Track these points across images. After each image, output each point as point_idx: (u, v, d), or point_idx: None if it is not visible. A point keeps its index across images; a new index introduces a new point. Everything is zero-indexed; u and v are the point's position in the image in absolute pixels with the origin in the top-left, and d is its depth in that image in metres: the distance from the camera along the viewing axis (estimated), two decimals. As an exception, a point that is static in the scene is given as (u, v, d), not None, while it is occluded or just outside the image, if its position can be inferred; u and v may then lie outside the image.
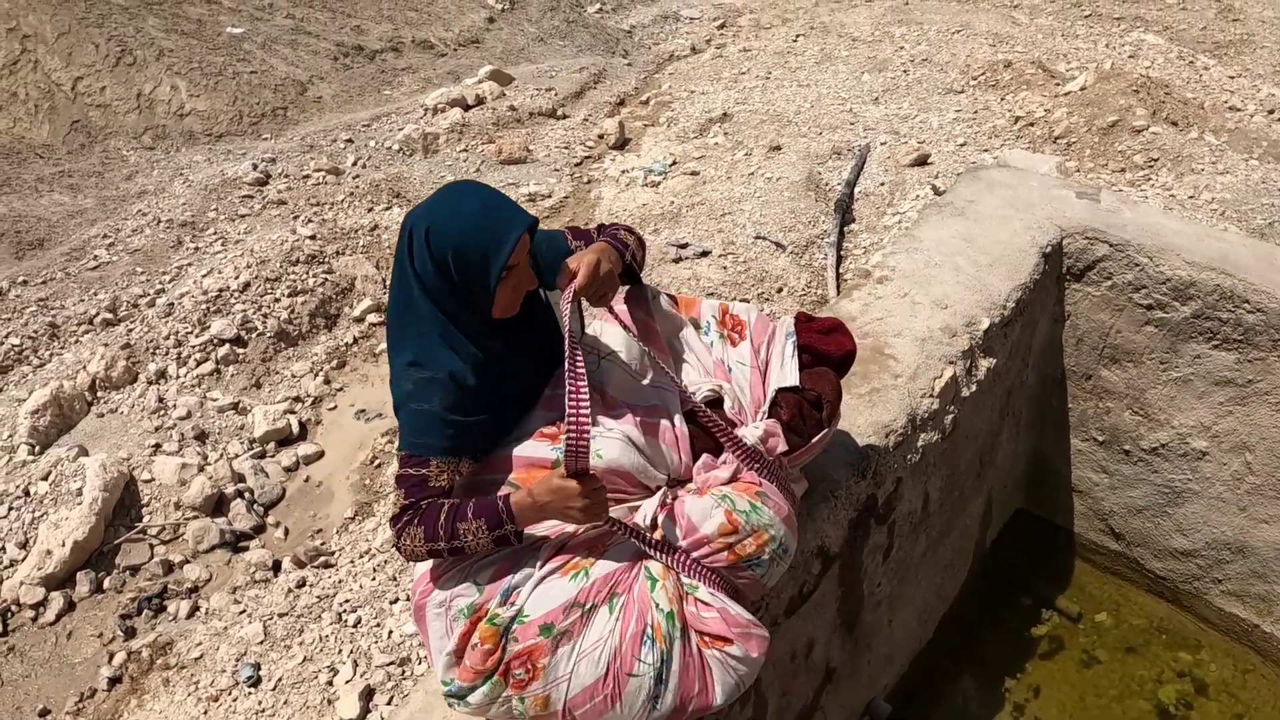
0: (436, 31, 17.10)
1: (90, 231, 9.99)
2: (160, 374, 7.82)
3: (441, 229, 3.02)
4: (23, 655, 5.86)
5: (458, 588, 3.05)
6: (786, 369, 3.45)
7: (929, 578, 5.55)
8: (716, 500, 3.10)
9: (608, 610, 2.94)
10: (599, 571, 2.99)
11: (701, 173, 10.84)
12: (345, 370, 8.26)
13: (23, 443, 7.08)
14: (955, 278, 5.26)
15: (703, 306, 3.59)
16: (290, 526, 6.78)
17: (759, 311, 3.65)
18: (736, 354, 3.48)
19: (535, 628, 2.91)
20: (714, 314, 3.57)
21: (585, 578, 2.97)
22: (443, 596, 3.06)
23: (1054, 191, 6.06)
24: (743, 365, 3.46)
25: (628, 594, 2.98)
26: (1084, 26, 14.72)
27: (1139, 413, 6.02)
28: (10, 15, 13.50)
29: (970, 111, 11.34)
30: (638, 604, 2.96)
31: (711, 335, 3.52)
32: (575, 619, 2.91)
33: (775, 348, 3.53)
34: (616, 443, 3.12)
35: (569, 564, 3.02)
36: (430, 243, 3.02)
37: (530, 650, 2.89)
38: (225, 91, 13.54)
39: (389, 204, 10.68)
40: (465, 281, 3.05)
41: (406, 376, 3.16)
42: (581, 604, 2.92)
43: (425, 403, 3.10)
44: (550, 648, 2.89)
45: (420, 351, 3.14)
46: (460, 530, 2.99)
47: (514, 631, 2.91)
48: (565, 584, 2.97)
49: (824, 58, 14.63)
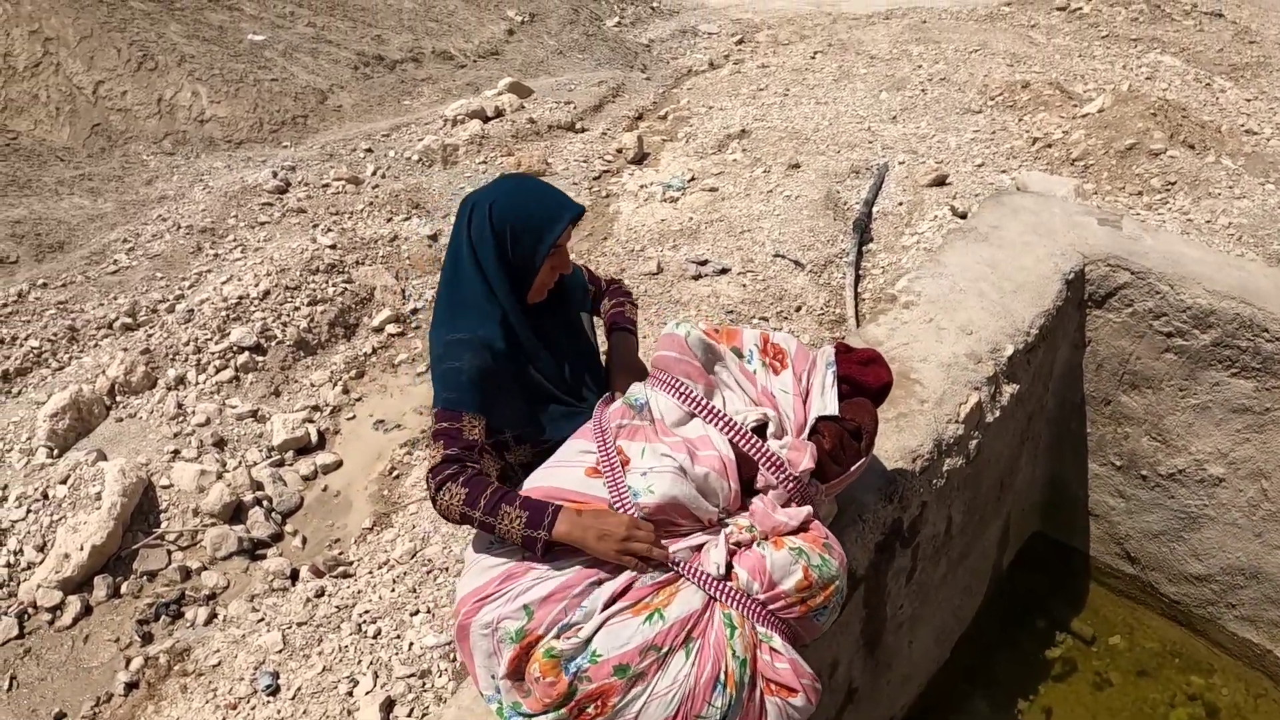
0: (456, 43, 17.15)
1: (110, 236, 10.03)
2: (180, 380, 7.85)
3: (504, 203, 3.42)
4: (39, 658, 5.87)
5: (505, 610, 3.05)
6: (827, 398, 3.49)
7: (948, 599, 5.57)
8: (794, 556, 3.14)
9: (684, 655, 2.96)
10: (674, 615, 3.00)
11: (720, 189, 10.86)
12: (364, 380, 8.28)
13: (41, 445, 7.10)
14: (980, 303, 5.28)
15: (744, 336, 3.62)
16: (308, 535, 6.79)
17: (798, 341, 3.69)
18: (780, 381, 3.51)
19: (610, 668, 2.92)
20: (756, 343, 3.60)
21: (661, 620, 2.98)
22: (489, 618, 3.06)
23: (1077, 218, 6.08)
24: (786, 393, 3.49)
25: (703, 639, 3.01)
26: (1101, 48, 14.72)
27: (1157, 438, 6.03)
28: (33, 18, 13.55)
29: (988, 132, 11.35)
30: (713, 649, 2.99)
31: (755, 363, 3.55)
32: (651, 662, 2.93)
33: (816, 377, 3.56)
34: (668, 475, 3.14)
35: (640, 603, 3.02)
36: (492, 214, 3.40)
37: (604, 690, 2.90)
38: (246, 98, 13.59)
39: (408, 214, 10.71)
40: (516, 253, 3.42)
41: (440, 340, 3.48)
42: (659, 648, 2.94)
43: (455, 361, 3.37)
44: (624, 688, 2.90)
45: (457, 320, 3.46)
46: (501, 512, 3.13)
47: (586, 670, 2.91)
48: (639, 625, 2.98)
49: (842, 75, 14.65)
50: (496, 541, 3.23)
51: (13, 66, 13.11)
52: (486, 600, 3.10)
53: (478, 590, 3.14)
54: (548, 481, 3.24)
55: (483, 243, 3.42)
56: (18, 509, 6.50)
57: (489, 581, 3.12)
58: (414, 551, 6.37)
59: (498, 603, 3.08)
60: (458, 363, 3.36)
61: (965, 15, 17.78)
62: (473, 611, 3.13)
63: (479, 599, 3.12)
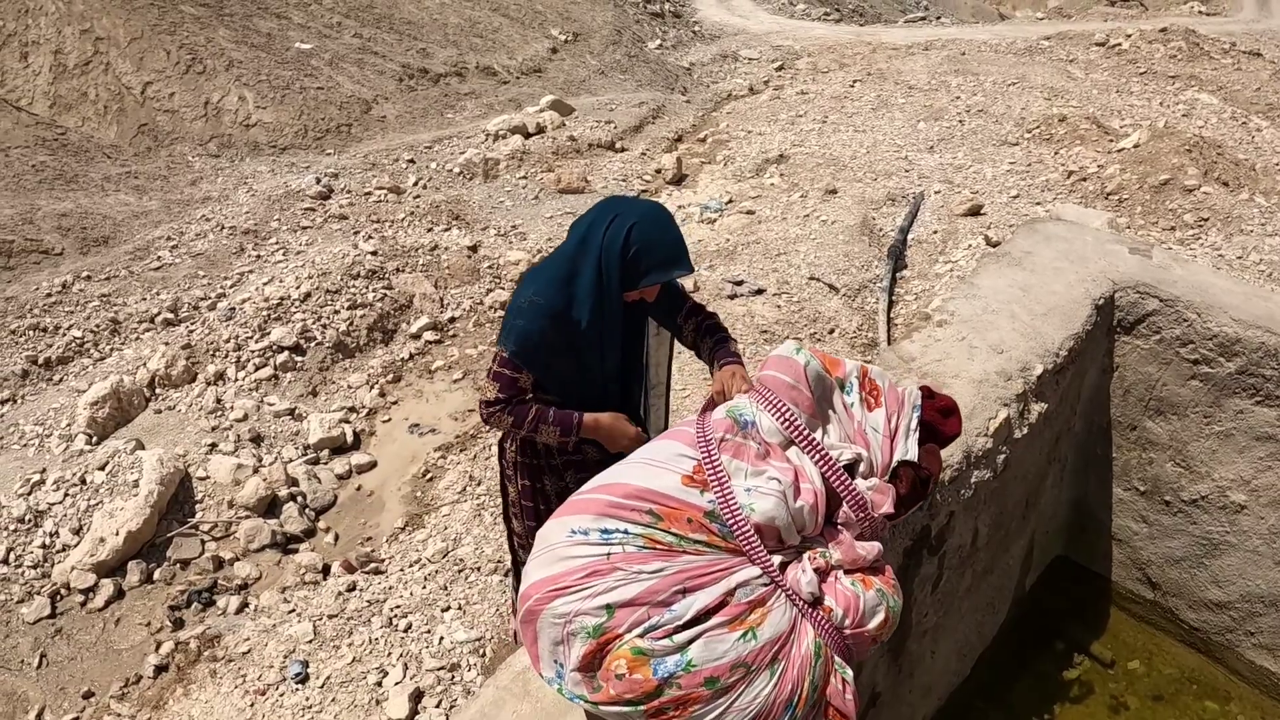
0: (500, 59, 17.29)
1: (154, 233, 10.17)
2: (219, 376, 7.97)
3: (646, 230, 3.83)
4: (70, 638, 5.96)
5: (585, 606, 3.03)
6: (910, 443, 3.58)
7: (971, 614, 5.62)
8: (879, 598, 3.23)
9: (769, 674, 3.02)
10: (766, 635, 3.05)
11: (757, 212, 10.94)
12: (400, 385, 8.37)
13: (81, 432, 7.23)
14: (1011, 325, 5.35)
15: (845, 367, 3.67)
16: (340, 532, 6.88)
17: (889, 379, 3.75)
18: (873, 419, 3.57)
19: (702, 678, 2.97)
20: (856, 375, 3.66)
21: (754, 639, 3.02)
22: (565, 610, 3.04)
23: (1108, 246, 6.15)
24: (876, 432, 3.54)
25: (787, 660, 3.07)
26: (1139, 84, 14.78)
27: (1181, 464, 6.07)
28: (85, 17, 13.75)
29: (1024, 164, 11.41)
30: (795, 670, 3.06)
31: (854, 396, 3.61)
32: (739, 678, 3.00)
33: (903, 419, 3.64)
34: (772, 499, 3.18)
35: (736, 620, 3.07)
36: (631, 231, 3.79)
37: (690, 697, 2.95)
38: (291, 105, 13.75)
39: (448, 225, 10.82)
40: (631, 265, 3.84)
41: (526, 293, 3.90)
42: (748, 665, 3.01)
43: (529, 323, 3.85)
44: (709, 698, 2.96)
45: (546, 289, 3.88)
46: (540, 429, 3.92)
47: (678, 677, 2.95)
48: (735, 641, 3.04)
49: (880, 104, 14.74)
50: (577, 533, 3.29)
51: (63, 64, 13.31)
52: (564, 591, 3.08)
53: (554, 579, 3.12)
54: (643, 482, 3.25)
55: (612, 245, 3.82)
56: (55, 492, 6.60)
57: (567, 573, 3.09)
58: (446, 551, 6.44)
59: (576, 597, 3.06)
60: (530, 325, 3.83)
61: (1004, 48, 17.88)
62: (546, 599, 3.10)
63: (555, 588, 3.10)
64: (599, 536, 3.12)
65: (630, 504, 3.16)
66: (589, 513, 3.18)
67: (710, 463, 3.23)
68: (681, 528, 3.11)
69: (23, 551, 6.26)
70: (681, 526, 3.11)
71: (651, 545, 3.09)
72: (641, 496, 3.17)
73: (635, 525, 3.12)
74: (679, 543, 3.10)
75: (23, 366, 7.93)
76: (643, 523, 3.12)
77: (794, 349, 3.55)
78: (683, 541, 3.10)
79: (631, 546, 3.09)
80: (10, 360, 7.97)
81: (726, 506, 3.15)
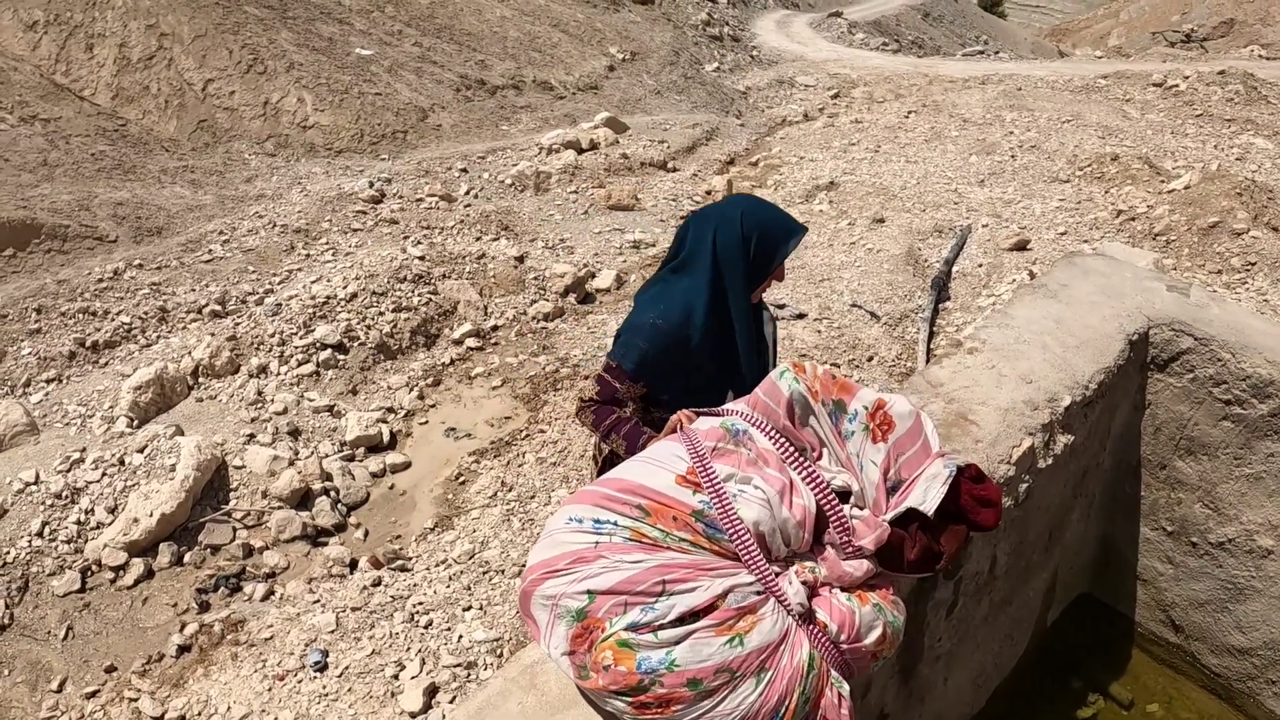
0: (557, 74, 17.41)
1: (207, 226, 10.31)
2: (262, 369, 8.07)
3: (753, 214, 3.90)
4: (97, 613, 6.05)
5: (569, 589, 3.12)
6: (930, 497, 3.54)
7: (987, 644, 5.61)
8: (876, 612, 3.23)
9: (754, 681, 3.03)
10: (753, 643, 3.05)
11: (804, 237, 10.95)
12: (439, 389, 8.44)
13: (123, 415, 7.34)
14: (1042, 355, 5.37)
15: (860, 394, 3.68)
16: (370, 529, 6.94)
17: (914, 417, 3.72)
18: (873, 451, 3.56)
19: (684, 679, 2.97)
20: (867, 405, 3.65)
21: (740, 646, 3.04)
22: (551, 592, 3.13)
23: (1145, 283, 6.15)
24: (874, 465, 3.55)
25: (775, 669, 3.10)
26: (1194, 126, 14.69)
27: (1209, 506, 6.04)
28: (151, 12, 13.95)
29: (1074, 201, 11.39)
30: (784, 681, 3.07)
31: (855, 425, 3.60)
32: (722, 683, 3.03)
33: (926, 471, 3.61)
34: (755, 505, 3.23)
35: (724, 624, 3.11)
36: (743, 222, 3.86)
37: (671, 696, 2.97)
38: (349, 109, 13.90)
39: (497, 235, 10.90)
40: (759, 253, 3.91)
41: (645, 314, 3.95)
42: (733, 670, 3.04)
43: (644, 342, 3.91)
44: (692, 700, 2.98)
45: (669, 312, 3.95)
46: (611, 436, 3.98)
47: (661, 675, 2.99)
48: (721, 645, 3.03)
49: (933, 136, 14.74)
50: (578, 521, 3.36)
51: (127, 57, 13.49)
52: (553, 574, 3.16)
53: (547, 563, 3.21)
54: (639, 478, 3.31)
55: (729, 245, 3.89)
56: (93, 471, 6.71)
57: (559, 557, 3.17)
58: (472, 553, 6.49)
59: (563, 580, 3.14)
60: (645, 344, 3.91)
61: (1061, 85, 17.84)
62: (538, 581, 3.19)
63: (546, 571, 3.19)
64: (592, 525, 3.20)
65: (623, 497, 3.23)
66: (587, 503, 3.26)
67: (701, 465, 3.28)
68: (667, 524, 3.15)
69: (58, 526, 6.37)
70: (667, 523, 3.15)
71: (637, 538, 3.14)
72: (634, 491, 3.23)
73: (624, 518, 3.18)
74: (663, 538, 3.13)
75: (70, 348, 8.06)
76: (631, 516, 3.18)
77: (780, 374, 3.58)
78: (667, 538, 3.14)
79: (618, 538, 3.15)
80: (59, 341, 8.10)
81: (721, 507, 3.19)
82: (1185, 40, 43.79)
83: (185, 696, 5.49)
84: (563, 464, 7.33)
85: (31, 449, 6.96)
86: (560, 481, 7.14)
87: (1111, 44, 45.89)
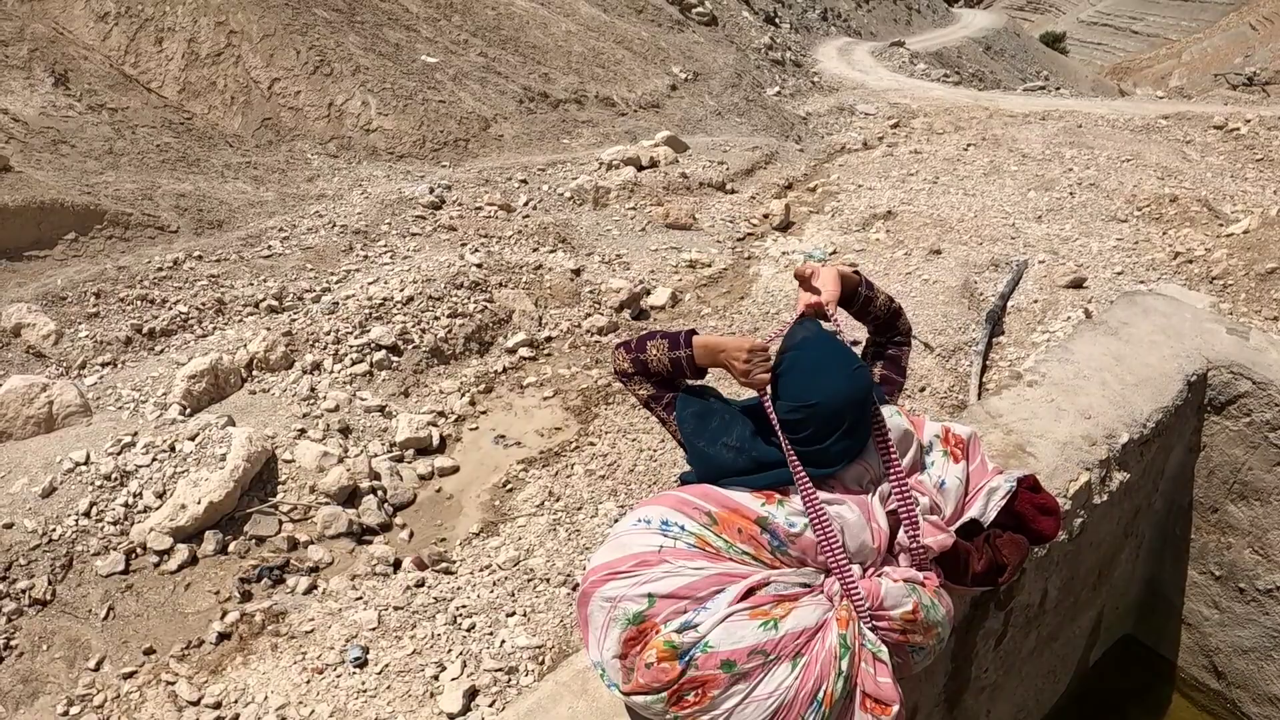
0: (620, 91, 17.46)
1: (268, 223, 10.39)
2: (315, 366, 8.10)
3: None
4: (139, 595, 6.07)
5: (630, 592, 3.10)
6: (989, 509, 3.53)
7: (1031, 679, 5.58)
8: (908, 590, 3.20)
9: (790, 666, 3.00)
10: (789, 626, 3.03)
11: (860, 265, 10.94)
12: (491, 396, 8.45)
13: (176, 402, 7.38)
14: (1101, 392, 5.34)
15: (926, 428, 3.67)
16: (416, 530, 6.94)
17: (973, 437, 3.72)
18: (956, 469, 3.55)
19: (718, 660, 2.96)
20: (937, 434, 3.65)
21: (775, 629, 3.01)
22: (611, 594, 3.11)
23: (1205, 324, 6.11)
24: (959, 480, 3.53)
25: (810, 655, 3.07)
26: (1254, 170, 14.53)
27: (1259, 552, 5.99)
28: (221, 10, 14.08)
29: (1131, 241, 11.31)
30: (819, 666, 3.04)
31: (935, 454, 3.59)
32: (757, 665, 3.00)
33: (988, 484, 3.59)
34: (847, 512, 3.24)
35: (759, 609, 3.10)
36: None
37: (707, 680, 2.96)
38: (413, 115, 13.97)
39: (554, 247, 10.93)
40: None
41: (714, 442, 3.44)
42: (767, 653, 3.00)
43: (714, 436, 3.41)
44: (727, 683, 2.96)
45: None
46: (648, 346, 3.45)
47: (695, 658, 3.00)
48: (754, 628, 3.02)
49: (992, 169, 14.69)
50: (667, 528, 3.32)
51: (196, 52, 13.60)
52: (615, 576, 3.14)
53: (610, 564, 3.18)
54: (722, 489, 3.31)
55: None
56: (144, 456, 6.74)
57: (623, 559, 3.15)
58: (517, 560, 6.48)
59: (624, 583, 3.12)
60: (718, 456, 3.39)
61: (1122, 124, 17.73)
62: (599, 582, 3.17)
63: (609, 573, 3.16)
64: (659, 527, 3.18)
65: (696, 502, 3.21)
66: (661, 504, 3.24)
67: (799, 476, 3.23)
68: (731, 535, 3.13)
69: (105, 507, 6.40)
70: (731, 534, 3.14)
71: (701, 545, 3.13)
72: (707, 496, 3.21)
73: (692, 522, 3.16)
74: (726, 549, 3.12)
75: (127, 334, 8.14)
76: (699, 521, 3.16)
77: (891, 411, 3.53)
78: (730, 549, 3.13)
79: (683, 543, 3.14)
80: (116, 326, 8.18)
81: (821, 527, 3.16)
82: (1247, 83, 43.55)
83: (223, 683, 5.50)
84: (611, 477, 7.32)
85: (83, 430, 7.00)
86: (609, 495, 7.13)
87: (1173, 84, 45.73)
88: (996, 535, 3.54)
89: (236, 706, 5.37)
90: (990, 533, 3.53)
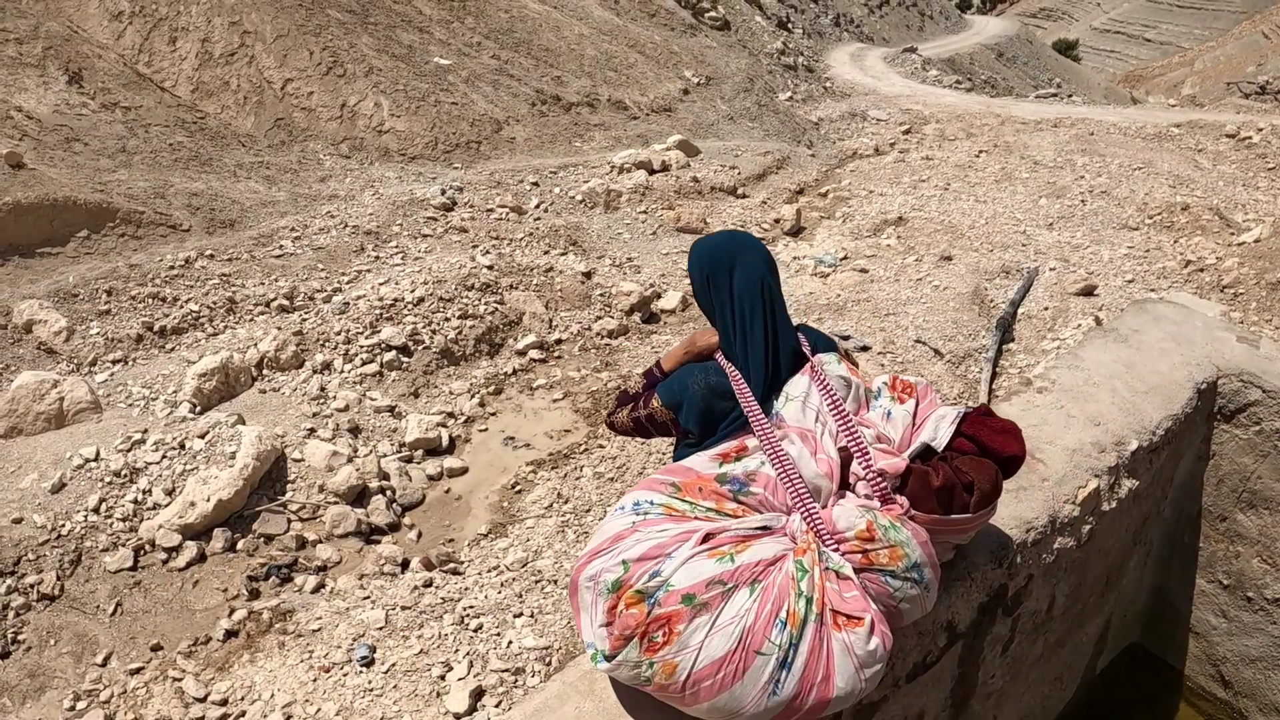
0: (632, 94, 17.45)
1: (280, 222, 10.40)
2: (326, 365, 8.11)
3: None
4: (147, 592, 6.07)
5: (607, 564, 3.28)
6: (940, 434, 3.60)
7: (1038, 685, 5.59)
8: (861, 512, 3.28)
9: (748, 591, 3.12)
10: (745, 559, 3.19)
11: (871, 271, 10.92)
12: (501, 397, 8.45)
13: (186, 400, 7.40)
14: (1111, 399, 5.35)
15: (875, 380, 3.85)
16: (424, 531, 6.93)
17: (924, 383, 3.84)
18: (904, 409, 3.66)
19: (679, 595, 3.10)
20: (885, 380, 3.79)
21: (730, 562, 3.17)
22: (594, 571, 3.30)
23: (1216, 333, 6.13)
24: (907, 413, 3.65)
25: (768, 579, 3.15)
26: (1266, 179, 14.46)
27: (1267, 561, 5.99)
28: (235, 10, 14.11)
29: (1142, 249, 11.27)
30: (777, 589, 3.13)
31: (883, 398, 3.71)
32: (715, 594, 3.09)
33: (936, 413, 3.69)
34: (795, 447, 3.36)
35: (718, 549, 3.21)
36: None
37: (670, 616, 3.08)
38: (425, 117, 13.98)
39: (565, 250, 10.93)
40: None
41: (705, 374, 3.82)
42: (724, 583, 3.11)
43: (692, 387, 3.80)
44: (689, 615, 3.07)
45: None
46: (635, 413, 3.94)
47: (659, 597, 3.10)
48: (711, 564, 3.16)
49: (1004, 176, 14.66)
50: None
51: (209, 52, 13.62)
52: (596, 555, 3.33)
53: (592, 549, 3.38)
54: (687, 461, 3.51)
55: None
56: (154, 453, 6.76)
57: (602, 540, 3.35)
58: (525, 561, 6.48)
59: (604, 558, 3.30)
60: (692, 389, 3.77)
61: (1134, 132, 17.68)
62: (583, 566, 3.36)
63: (591, 554, 3.35)
64: (632, 508, 3.42)
65: (661, 478, 3.47)
66: (634, 490, 3.50)
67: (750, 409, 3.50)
68: (693, 496, 3.36)
69: (114, 504, 6.40)
70: (693, 495, 3.36)
71: (668, 513, 3.35)
72: (672, 471, 3.50)
73: (659, 495, 3.40)
74: (690, 509, 3.34)
75: (138, 331, 8.14)
76: (665, 493, 3.40)
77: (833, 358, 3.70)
78: (694, 509, 3.34)
79: (653, 514, 3.37)
80: (127, 323, 8.19)
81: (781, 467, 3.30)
82: (1260, 92, 43.30)
83: (230, 681, 5.50)
84: (620, 480, 7.31)
85: (93, 427, 7.03)
86: (617, 497, 7.11)
87: (1185, 92, 45.66)
88: (954, 457, 3.60)
89: (243, 704, 5.36)
90: (947, 454, 3.60)
